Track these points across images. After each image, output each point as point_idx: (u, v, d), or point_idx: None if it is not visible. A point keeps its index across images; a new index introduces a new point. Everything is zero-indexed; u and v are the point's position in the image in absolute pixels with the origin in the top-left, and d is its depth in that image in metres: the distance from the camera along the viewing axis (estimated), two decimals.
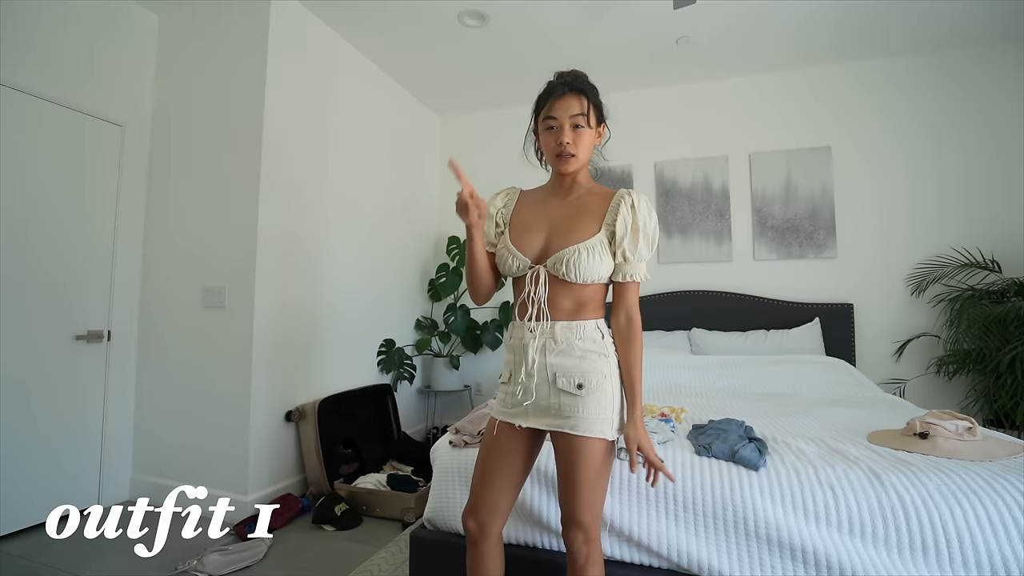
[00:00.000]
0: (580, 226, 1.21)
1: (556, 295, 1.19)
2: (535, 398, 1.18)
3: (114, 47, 2.71)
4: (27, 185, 2.36)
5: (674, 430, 1.71)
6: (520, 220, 1.29)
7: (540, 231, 1.24)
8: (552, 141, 1.23)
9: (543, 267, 1.20)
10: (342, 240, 3.18)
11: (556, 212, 1.26)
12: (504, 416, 1.23)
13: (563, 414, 1.16)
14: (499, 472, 1.23)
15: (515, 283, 1.28)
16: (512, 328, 1.27)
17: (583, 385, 1.16)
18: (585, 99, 1.22)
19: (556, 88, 1.24)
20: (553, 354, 1.18)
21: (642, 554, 1.39)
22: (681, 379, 2.73)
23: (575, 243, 1.18)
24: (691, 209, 3.69)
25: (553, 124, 1.22)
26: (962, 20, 2.93)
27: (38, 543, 2.23)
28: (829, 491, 1.30)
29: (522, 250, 1.23)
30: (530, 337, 1.19)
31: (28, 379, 2.35)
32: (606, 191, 1.28)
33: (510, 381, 1.23)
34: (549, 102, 1.23)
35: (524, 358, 1.20)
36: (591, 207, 1.24)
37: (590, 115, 1.23)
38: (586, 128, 1.22)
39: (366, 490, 2.57)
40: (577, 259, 1.16)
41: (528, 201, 1.33)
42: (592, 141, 1.27)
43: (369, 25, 3.03)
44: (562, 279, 1.18)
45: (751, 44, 3.22)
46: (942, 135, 3.24)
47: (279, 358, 2.70)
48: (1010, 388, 2.59)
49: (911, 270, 3.23)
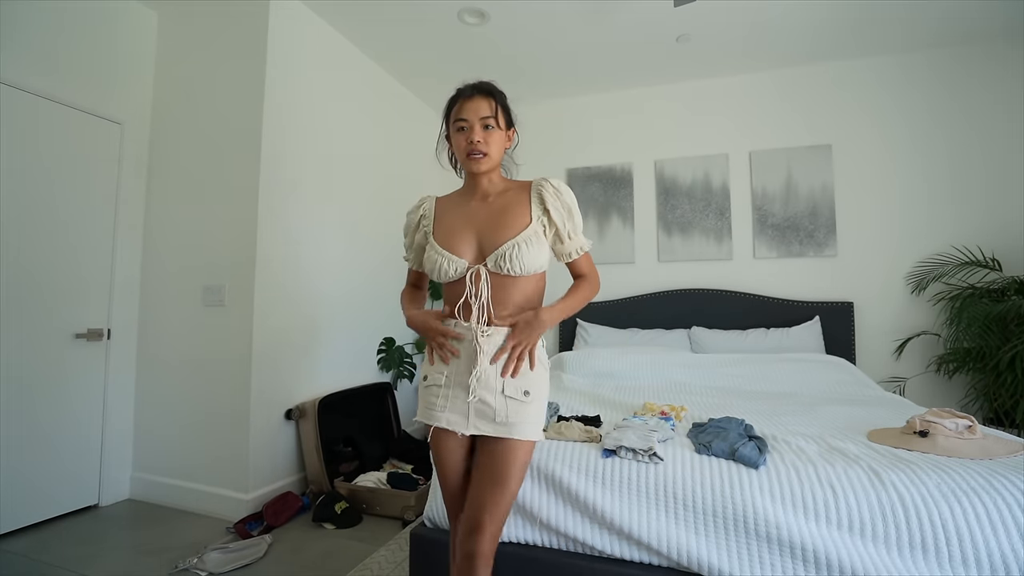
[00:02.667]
0: (509, 221, 1.24)
1: (500, 292, 1.22)
2: (481, 405, 1.20)
3: (113, 45, 2.71)
4: (26, 183, 2.36)
5: (674, 428, 1.71)
6: (445, 226, 1.31)
7: (468, 234, 1.27)
8: (463, 141, 1.25)
9: (483, 266, 1.22)
10: (342, 238, 3.18)
11: (480, 214, 1.29)
12: (443, 423, 1.23)
13: (509, 420, 1.19)
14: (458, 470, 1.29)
15: (450, 286, 1.28)
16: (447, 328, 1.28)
17: (529, 392, 1.20)
18: (494, 101, 1.26)
19: (465, 91, 1.28)
20: (502, 361, 1.21)
21: (642, 552, 1.39)
22: (681, 377, 2.73)
23: (511, 237, 1.21)
24: (691, 207, 3.68)
25: (464, 125, 1.25)
26: (965, 17, 2.93)
27: (39, 541, 2.24)
28: (829, 489, 1.30)
29: (457, 253, 1.25)
30: (482, 343, 1.20)
31: (28, 377, 2.35)
32: (520, 183, 1.32)
33: (447, 384, 1.24)
34: (459, 104, 1.27)
35: (472, 364, 1.20)
36: (514, 201, 1.28)
37: (499, 117, 1.26)
38: (496, 129, 1.25)
39: (366, 488, 2.57)
40: (518, 252, 1.19)
41: (447, 207, 1.35)
42: (502, 142, 1.29)
43: (369, 23, 3.02)
44: (505, 275, 1.21)
45: (751, 42, 3.21)
46: (942, 133, 3.23)
47: (279, 356, 2.70)
48: (1010, 386, 2.59)
49: (911, 268, 3.23)
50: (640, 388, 2.54)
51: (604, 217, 3.86)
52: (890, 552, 1.21)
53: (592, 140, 3.98)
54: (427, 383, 1.28)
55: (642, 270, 3.77)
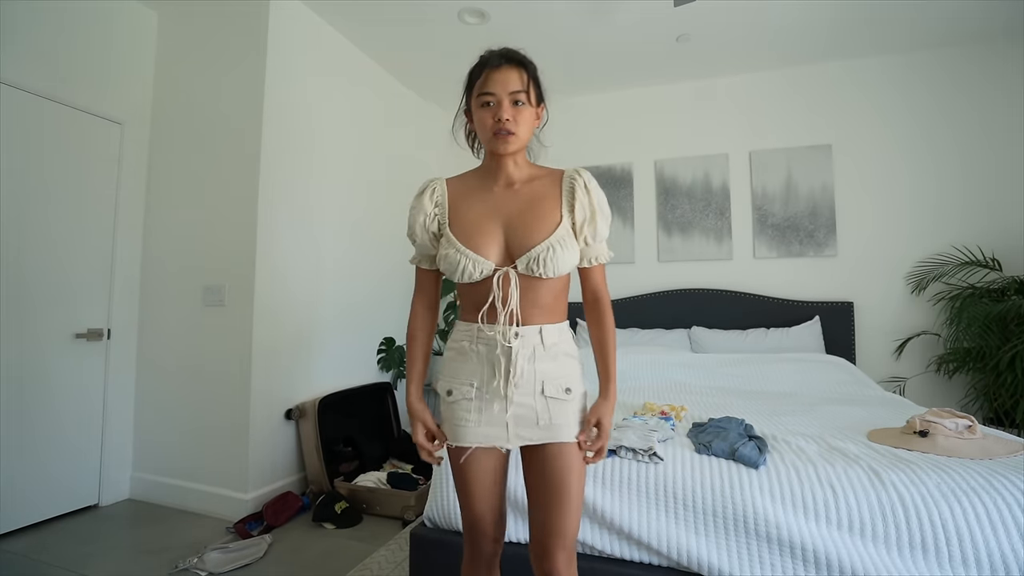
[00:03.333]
0: (541, 218, 1.10)
1: (529, 294, 1.09)
2: (521, 409, 1.08)
3: (113, 44, 2.71)
4: (26, 183, 2.36)
5: (674, 428, 1.72)
6: (465, 218, 1.13)
7: (494, 228, 1.10)
8: (489, 118, 1.08)
9: (513, 269, 1.07)
10: (343, 238, 3.18)
11: (507, 205, 1.12)
12: (479, 440, 1.09)
13: (553, 422, 1.08)
14: (494, 490, 1.15)
15: (470, 287, 1.12)
16: (469, 334, 1.12)
17: (570, 389, 1.10)
18: (526, 73, 1.09)
19: (492, 59, 1.09)
20: (542, 360, 1.09)
21: (642, 552, 1.39)
22: (681, 377, 2.73)
23: (544, 238, 1.07)
24: (691, 207, 3.68)
25: (490, 100, 1.07)
26: (962, 18, 2.93)
27: (38, 541, 2.23)
28: (829, 489, 1.30)
29: (481, 253, 1.08)
30: (515, 344, 1.06)
31: (28, 377, 2.35)
32: (550, 172, 1.17)
33: (477, 396, 1.10)
34: (485, 74, 1.09)
35: (505, 367, 1.07)
36: (544, 194, 1.13)
37: (530, 91, 1.09)
38: (526, 105, 1.08)
39: (366, 488, 2.57)
40: (552, 255, 1.06)
41: (464, 193, 1.16)
42: (532, 120, 1.12)
43: (369, 23, 3.02)
44: (535, 277, 1.08)
45: (751, 42, 3.21)
46: (943, 133, 3.23)
47: (279, 356, 2.70)
48: (1010, 386, 2.58)
49: (911, 268, 3.23)
50: (640, 388, 2.54)
51: None
52: (890, 552, 1.21)
53: (592, 140, 3.98)
54: (452, 398, 1.12)
55: (642, 270, 3.77)
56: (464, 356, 1.12)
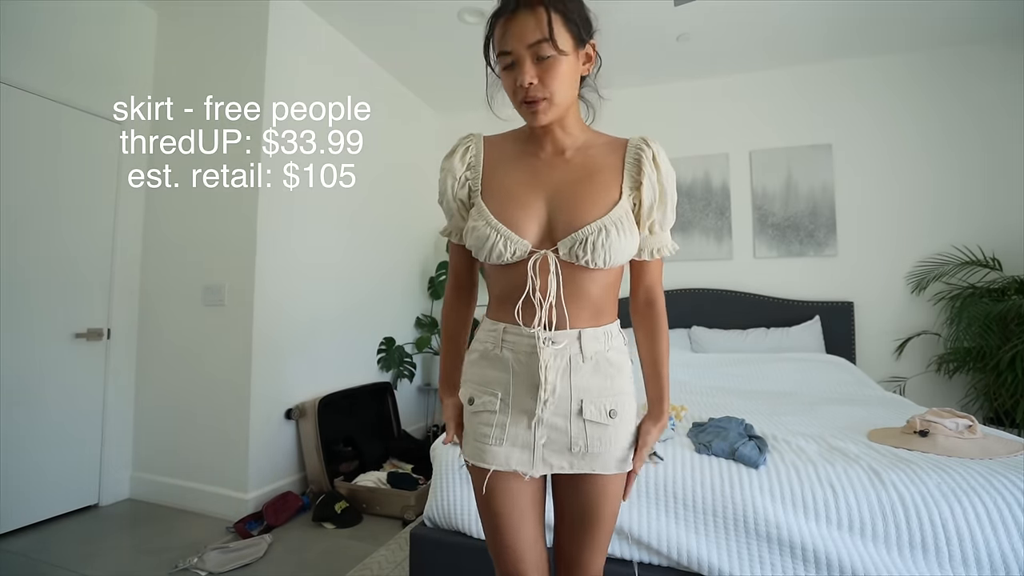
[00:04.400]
0: (594, 192, 0.89)
1: (571, 287, 0.88)
2: (552, 432, 0.90)
3: (113, 44, 2.71)
4: (26, 182, 2.36)
5: (674, 428, 1.71)
6: (500, 186, 0.93)
7: (535, 202, 0.90)
8: (512, 83, 0.86)
9: (553, 252, 0.87)
10: (342, 238, 3.17)
11: (554, 174, 0.92)
12: (499, 462, 0.91)
13: (590, 450, 0.89)
14: (528, 517, 0.96)
15: (500, 272, 0.92)
16: (495, 335, 0.93)
17: (616, 412, 0.91)
18: (545, 12, 0.82)
19: (507, 5, 0.85)
20: (580, 374, 0.89)
21: (642, 551, 1.39)
22: (681, 377, 2.73)
23: (596, 218, 0.86)
24: (691, 207, 3.68)
25: (509, 60, 0.85)
26: (962, 18, 2.92)
27: (39, 540, 2.24)
28: (829, 489, 1.30)
29: (517, 230, 0.88)
30: (548, 352, 0.87)
31: (28, 377, 2.35)
32: (612, 140, 0.98)
33: (502, 410, 0.91)
34: (498, 27, 0.86)
35: (537, 380, 0.87)
36: (602, 164, 0.92)
37: (557, 36, 0.82)
38: (556, 56, 0.83)
39: (366, 488, 2.57)
40: (606, 239, 0.85)
41: (503, 156, 0.96)
42: (573, 72, 0.88)
43: (369, 23, 3.02)
44: (580, 266, 0.87)
45: (752, 41, 3.21)
46: (943, 133, 3.23)
47: (279, 356, 2.69)
48: (1010, 386, 2.58)
49: (911, 268, 3.23)
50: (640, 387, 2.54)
51: None
52: (890, 552, 1.21)
53: None
54: (474, 408, 0.94)
55: None
56: (489, 360, 0.94)
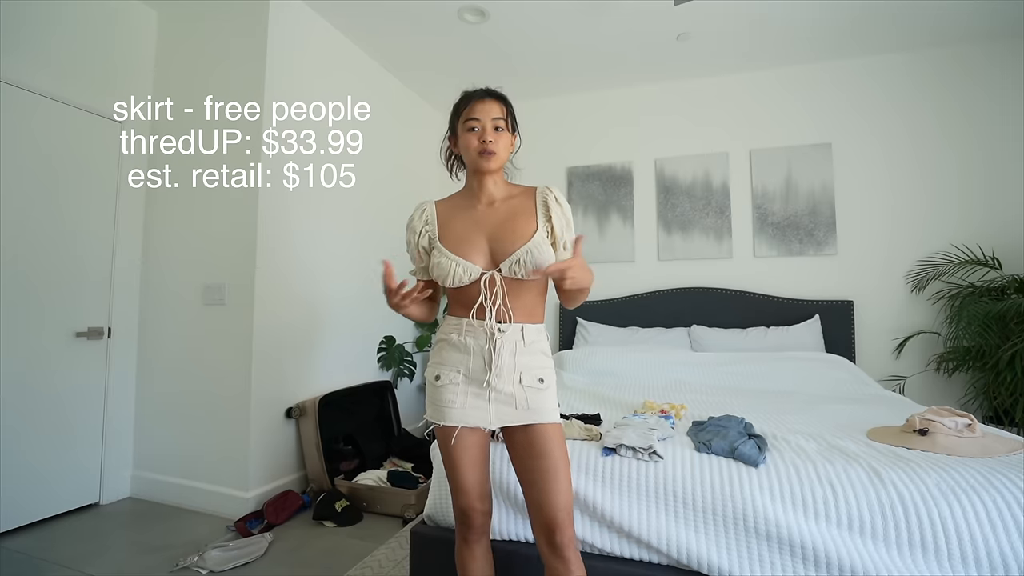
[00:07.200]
0: (519, 227, 1.28)
1: (512, 295, 1.27)
2: (501, 396, 1.24)
3: (114, 44, 2.71)
4: (26, 182, 2.36)
5: (674, 427, 1.72)
6: (453, 233, 1.32)
7: (479, 239, 1.29)
8: (475, 140, 1.29)
9: (498, 272, 1.26)
10: (342, 237, 3.17)
11: (489, 220, 1.31)
12: (464, 420, 1.25)
13: (531, 406, 1.24)
14: (478, 465, 1.30)
15: (460, 290, 1.30)
16: (459, 327, 1.29)
17: (544, 379, 1.27)
18: (504, 106, 1.32)
19: (477, 94, 1.32)
20: (522, 355, 1.25)
21: (642, 550, 1.39)
22: (681, 376, 2.73)
23: (523, 243, 1.25)
24: (691, 206, 3.68)
25: (475, 125, 1.29)
26: (962, 17, 2.92)
27: (40, 539, 2.24)
28: (828, 487, 1.30)
29: (469, 259, 1.27)
30: (499, 339, 1.24)
31: (29, 376, 2.35)
32: (524, 189, 1.37)
33: (464, 382, 1.26)
34: (471, 105, 1.30)
35: (491, 359, 1.24)
36: (520, 208, 1.32)
37: (508, 121, 1.31)
38: (505, 131, 1.30)
39: (366, 486, 2.57)
40: (531, 258, 1.23)
41: (451, 211, 1.36)
42: (509, 146, 1.34)
43: (369, 22, 3.02)
44: (517, 279, 1.26)
45: (752, 41, 3.21)
46: (943, 132, 3.23)
47: (279, 355, 2.70)
48: (1010, 385, 2.59)
49: (911, 267, 3.23)
50: (640, 386, 2.55)
51: (604, 216, 3.86)
52: (889, 550, 1.22)
53: (592, 138, 3.98)
54: (440, 383, 1.28)
55: (642, 269, 3.77)
56: (452, 346, 1.29)
